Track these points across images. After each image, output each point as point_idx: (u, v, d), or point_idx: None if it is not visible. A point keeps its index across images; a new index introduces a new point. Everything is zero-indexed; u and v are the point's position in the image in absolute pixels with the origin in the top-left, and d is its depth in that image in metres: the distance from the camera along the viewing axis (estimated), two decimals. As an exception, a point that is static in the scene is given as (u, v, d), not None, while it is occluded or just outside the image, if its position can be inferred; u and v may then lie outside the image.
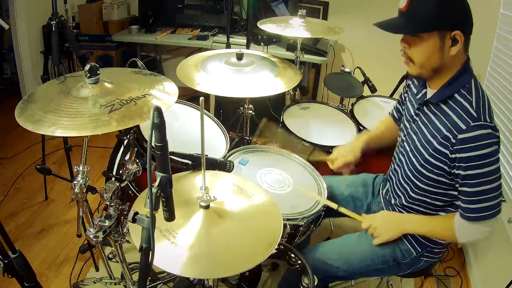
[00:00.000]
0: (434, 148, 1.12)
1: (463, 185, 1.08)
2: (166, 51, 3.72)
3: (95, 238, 1.16)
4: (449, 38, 1.05)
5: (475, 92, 1.07)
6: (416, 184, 1.22)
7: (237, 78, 1.55)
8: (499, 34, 2.01)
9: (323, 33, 2.14)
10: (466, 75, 1.10)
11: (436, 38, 1.05)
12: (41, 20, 3.06)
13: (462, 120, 1.05)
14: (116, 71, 1.31)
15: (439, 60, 1.08)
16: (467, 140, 1.03)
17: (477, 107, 1.05)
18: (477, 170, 1.03)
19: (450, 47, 1.06)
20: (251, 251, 0.91)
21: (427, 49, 1.07)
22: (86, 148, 1.15)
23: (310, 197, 1.39)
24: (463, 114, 1.06)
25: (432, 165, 1.14)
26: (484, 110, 1.05)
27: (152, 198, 0.74)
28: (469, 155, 1.03)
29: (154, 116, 0.69)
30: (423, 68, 1.12)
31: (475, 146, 1.02)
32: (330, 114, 2.04)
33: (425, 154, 1.16)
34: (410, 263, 1.30)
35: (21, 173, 2.54)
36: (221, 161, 1.23)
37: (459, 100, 1.08)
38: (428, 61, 1.10)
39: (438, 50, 1.06)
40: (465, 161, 1.04)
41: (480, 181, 1.04)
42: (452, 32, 1.04)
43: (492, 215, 1.06)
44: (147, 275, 0.81)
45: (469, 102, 1.06)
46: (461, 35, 1.03)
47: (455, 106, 1.09)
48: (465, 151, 1.04)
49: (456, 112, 1.08)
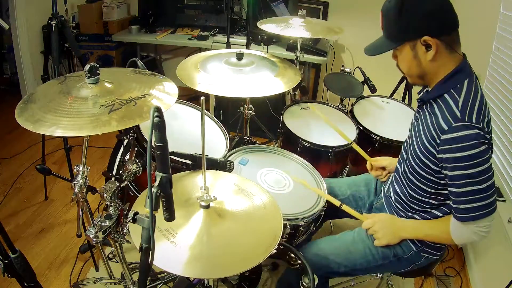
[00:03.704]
0: (425, 146, 1.13)
1: (451, 185, 1.08)
2: (166, 51, 3.72)
3: (95, 238, 1.16)
4: (420, 45, 1.06)
5: (465, 93, 1.06)
6: (412, 181, 1.23)
7: (237, 78, 1.55)
8: (499, 34, 2.01)
9: (323, 33, 2.14)
10: (459, 75, 1.09)
11: (408, 48, 1.10)
12: (41, 20, 3.06)
13: (445, 120, 1.05)
14: (116, 71, 1.31)
15: (418, 67, 1.12)
16: (449, 141, 1.03)
17: (462, 108, 1.04)
18: (462, 171, 1.02)
19: (425, 52, 1.07)
20: (251, 251, 0.91)
21: (404, 60, 1.14)
22: (86, 148, 1.15)
23: (313, 191, 1.39)
24: (447, 114, 1.06)
25: (423, 163, 1.15)
26: (472, 111, 1.03)
27: (152, 198, 0.74)
28: (453, 156, 1.03)
29: (154, 116, 0.69)
30: (410, 77, 1.18)
31: (458, 147, 1.01)
32: (330, 114, 2.04)
33: (418, 152, 1.17)
34: (410, 259, 1.30)
35: (21, 173, 2.54)
36: (221, 161, 1.24)
37: (447, 100, 1.08)
38: (410, 70, 1.15)
39: (413, 58, 1.10)
40: (450, 161, 1.04)
41: (466, 181, 1.03)
42: (422, 39, 1.05)
43: (484, 215, 1.05)
44: (147, 275, 0.81)
45: (456, 102, 1.06)
46: (432, 39, 1.04)
47: (443, 105, 1.09)
48: (449, 152, 1.03)
49: (442, 111, 1.08)
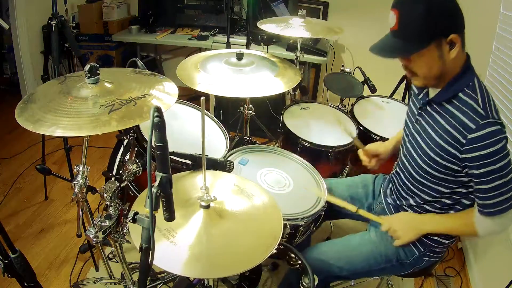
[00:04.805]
0: (441, 148, 1.12)
1: (479, 183, 1.08)
2: (166, 51, 3.72)
3: (95, 238, 1.16)
4: (446, 44, 1.04)
5: (480, 90, 1.07)
6: (424, 183, 1.22)
7: (237, 78, 1.55)
8: (499, 34, 2.01)
9: (323, 33, 2.14)
10: (469, 73, 1.10)
11: (434, 49, 1.04)
12: (41, 20, 3.06)
13: (470, 120, 1.05)
14: (116, 71, 1.31)
15: (441, 67, 1.08)
16: (478, 139, 1.03)
17: (483, 105, 1.05)
18: (490, 167, 1.04)
19: (449, 51, 1.05)
20: (251, 251, 0.91)
21: (428, 61, 1.07)
22: (86, 148, 1.15)
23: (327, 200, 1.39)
24: (470, 113, 1.05)
25: (439, 165, 1.14)
26: (491, 107, 1.05)
27: (152, 198, 0.74)
28: (481, 154, 1.03)
29: (154, 116, 0.69)
30: (427, 79, 1.12)
31: (486, 144, 1.02)
32: (330, 114, 2.04)
33: (431, 154, 1.16)
34: (412, 263, 1.30)
35: (21, 173, 2.54)
36: (221, 161, 1.23)
37: (464, 99, 1.08)
38: (431, 72, 1.09)
39: (438, 58, 1.06)
40: (478, 159, 1.05)
41: (494, 176, 1.05)
42: (448, 38, 1.03)
43: (510, 206, 1.07)
44: (147, 275, 0.81)
45: (475, 101, 1.06)
46: (457, 37, 1.03)
47: (461, 105, 1.08)
48: (477, 150, 1.04)
49: (463, 111, 1.07)
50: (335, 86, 2.14)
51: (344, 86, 2.15)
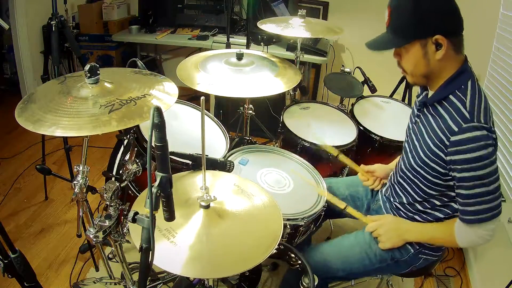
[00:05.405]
0: (430, 149, 1.12)
1: (459, 187, 1.07)
2: (166, 51, 3.72)
3: (95, 238, 1.16)
4: (431, 44, 1.05)
5: (471, 93, 1.06)
6: (415, 183, 1.23)
7: (237, 78, 1.55)
8: (499, 34, 2.01)
9: (323, 33, 2.14)
10: (463, 76, 1.09)
11: (418, 47, 1.07)
12: (41, 20, 3.06)
13: (454, 122, 1.04)
14: (116, 71, 1.31)
15: (426, 66, 1.09)
16: (459, 142, 1.02)
17: (470, 108, 1.04)
18: (471, 172, 1.02)
19: (435, 51, 1.06)
20: (251, 251, 0.91)
21: (412, 58, 1.10)
22: (86, 148, 1.15)
23: (317, 192, 1.40)
24: (455, 115, 1.05)
25: (428, 166, 1.15)
26: (479, 111, 1.03)
27: (152, 198, 0.74)
28: (462, 157, 1.02)
29: (154, 116, 0.69)
30: (414, 77, 1.15)
31: (468, 148, 1.01)
32: (330, 114, 2.04)
33: (422, 155, 1.16)
34: (408, 261, 1.30)
35: (21, 173, 2.54)
36: (221, 161, 1.24)
37: (453, 101, 1.08)
38: (416, 69, 1.12)
39: (423, 57, 1.08)
40: (459, 163, 1.03)
41: (475, 183, 1.03)
42: (433, 37, 1.03)
43: (491, 217, 1.05)
44: (147, 275, 0.81)
45: (463, 103, 1.05)
46: (444, 39, 1.03)
47: (449, 107, 1.08)
48: (458, 153, 1.03)
49: (449, 113, 1.07)
50: (335, 86, 2.14)
51: (344, 86, 2.15)
